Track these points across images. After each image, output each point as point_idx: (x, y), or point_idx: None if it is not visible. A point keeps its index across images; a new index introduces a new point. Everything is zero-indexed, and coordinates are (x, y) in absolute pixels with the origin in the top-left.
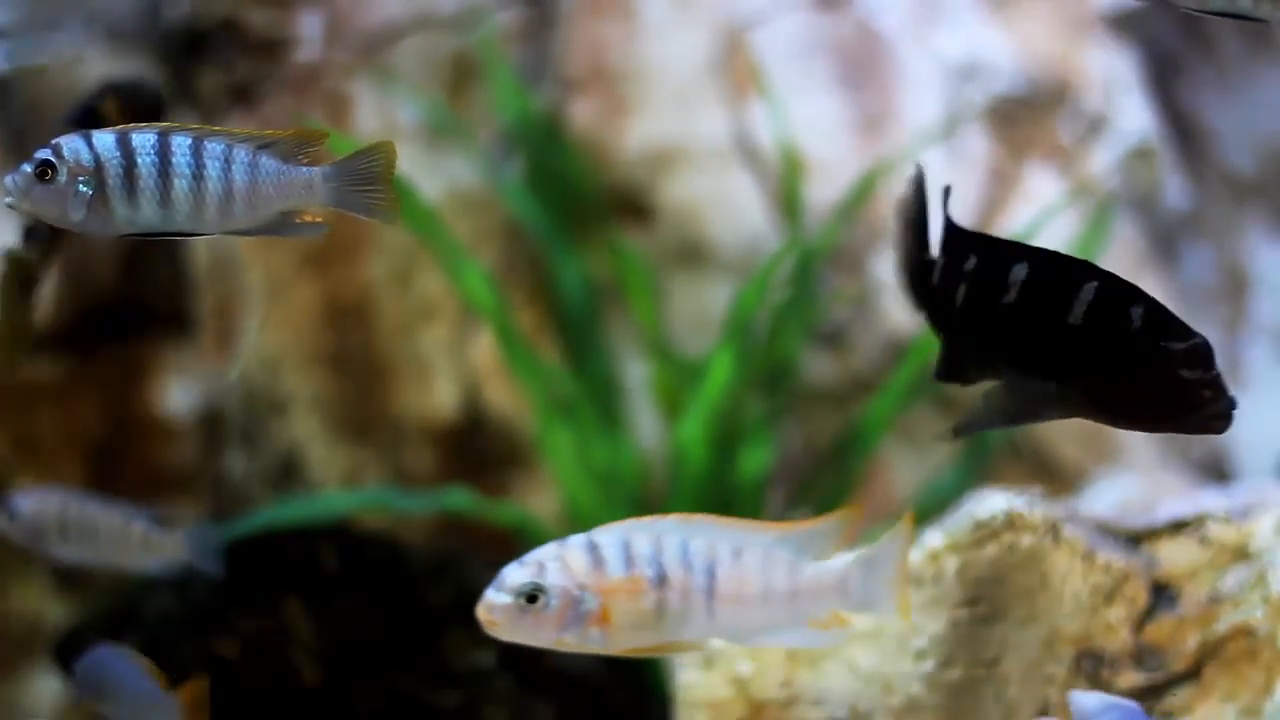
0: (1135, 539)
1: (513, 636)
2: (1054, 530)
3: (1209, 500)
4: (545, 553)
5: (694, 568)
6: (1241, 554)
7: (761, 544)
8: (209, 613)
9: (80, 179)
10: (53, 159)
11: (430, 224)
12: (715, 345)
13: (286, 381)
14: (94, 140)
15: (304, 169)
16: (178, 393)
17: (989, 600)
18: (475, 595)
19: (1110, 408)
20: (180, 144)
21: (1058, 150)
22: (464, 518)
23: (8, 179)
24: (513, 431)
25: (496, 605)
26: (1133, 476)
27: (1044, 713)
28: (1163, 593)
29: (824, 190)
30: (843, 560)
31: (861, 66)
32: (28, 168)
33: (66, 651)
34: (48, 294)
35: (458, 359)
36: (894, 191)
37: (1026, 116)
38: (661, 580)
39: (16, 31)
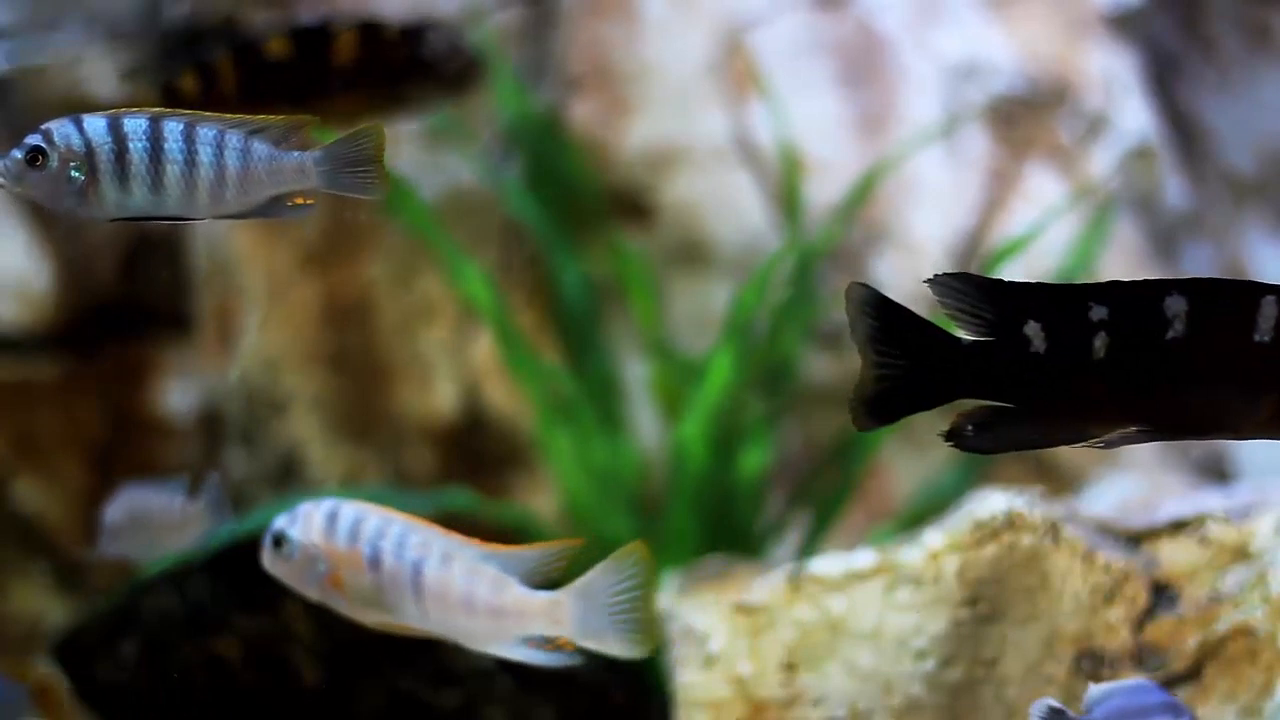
0: (1135, 539)
1: (281, 579)
2: (1054, 530)
3: (1209, 500)
4: (303, 508)
5: (405, 559)
6: (1241, 554)
7: (472, 556)
8: (209, 613)
9: (72, 164)
10: (44, 145)
11: (430, 224)
12: (715, 345)
13: (286, 381)
14: (85, 125)
15: (296, 153)
16: (178, 393)
17: (989, 600)
18: None
19: None
20: (172, 129)
21: (1058, 150)
22: (464, 518)
23: None
24: (513, 431)
25: (264, 547)
26: (1133, 476)
27: None
28: (1163, 593)
29: (824, 190)
30: (561, 590)
31: (861, 66)
32: (18, 154)
33: (67, 651)
34: (48, 294)
35: (458, 359)
36: (891, 196)
37: (1026, 116)
38: (376, 562)
39: (16, 31)
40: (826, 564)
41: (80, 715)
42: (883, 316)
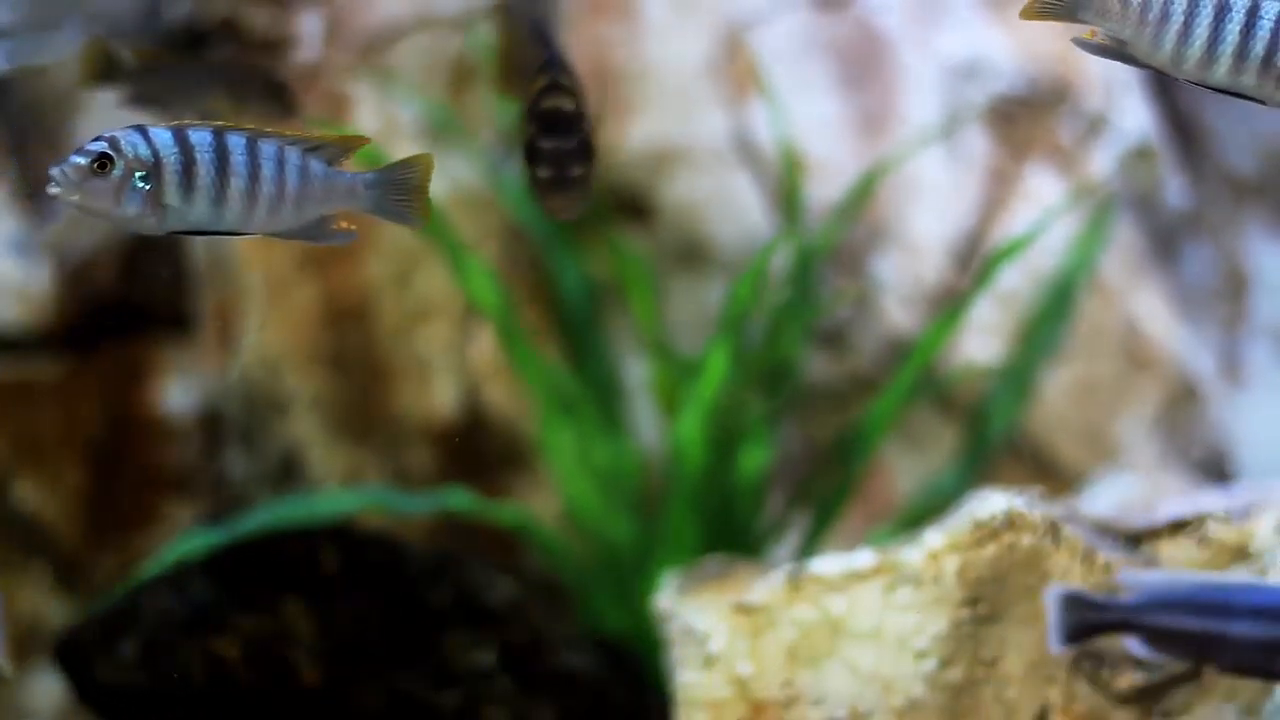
0: (1135, 539)
1: None
2: (1054, 530)
3: (1209, 500)
4: None
5: None
6: (1241, 554)
7: None
8: (209, 613)
9: (137, 174)
10: (110, 152)
11: (433, 223)
12: (710, 341)
13: (286, 381)
14: (152, 135)
15: (349, 175)
16: (178, 393)
17: (989, 600)
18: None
19: None
20: (236, 143)
21: (1058, 150)
22: (464, 518)
23: (55, 169)
24: (513, 431)
25: None
26: (1133, 476)
27: (1044, 713)
28: None
29: (824, 190)
30: None
31: (861, 66)
32: (81, 160)
33: (66, 651)
34: (48, 294)
35: (458, 359)
36: (891, 196)
37: (1026, 116)
38: None
39: (16, 31)
40: (826, 564)
41: (80, 715)
42: None
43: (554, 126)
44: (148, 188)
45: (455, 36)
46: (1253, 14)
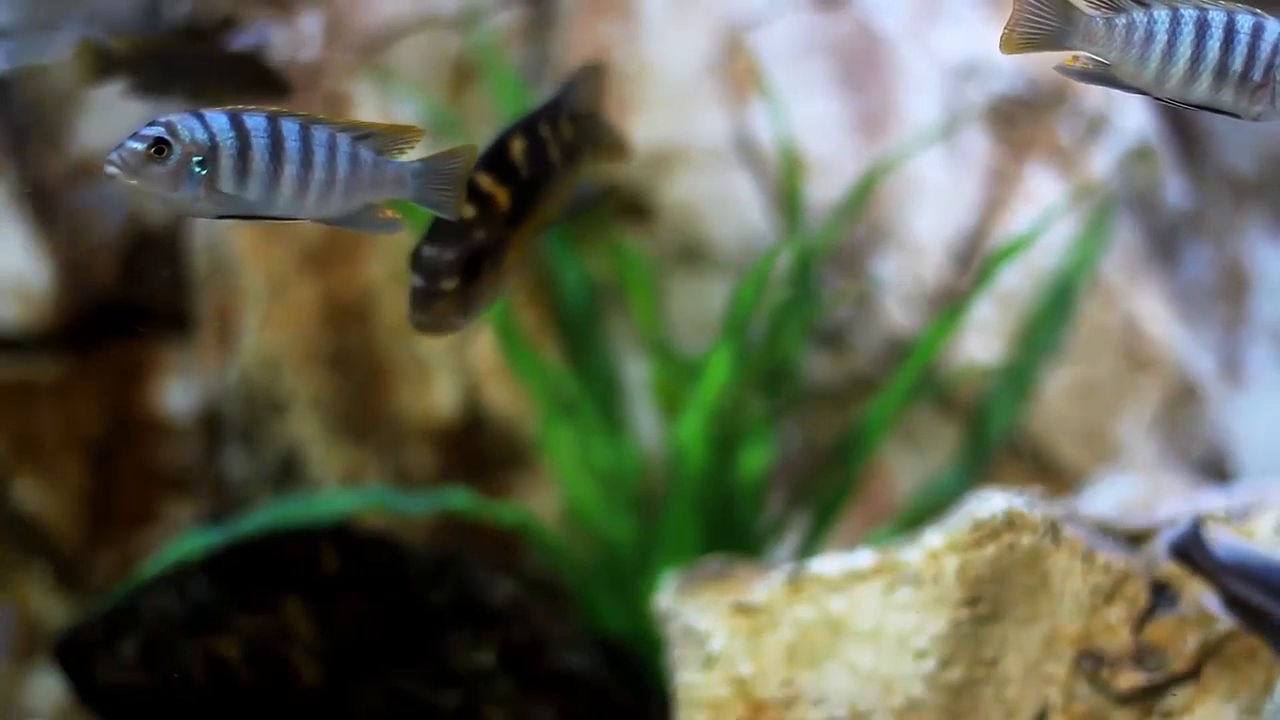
0: (1135, 539)
1: None
2: (1054, 530)
3: (1209, 500)
4: None
5: None
6: None
7: None
8: (209, 613)
9: (194, 159)
10: (167, 137)
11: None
12: (713, 344)
13: (286, 381)
14: (208, 120)
15: (397, 163)
16: (178, 393)
17: (989, 600)
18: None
19: None
20: (290, 129)
21: (1058, 150)
22: (464, 518)
23: (113, 154)
24: (513, 431)
25: None
26: (1133, 476)
27: (1044, 713)
28: (1163, 593)
29: (824, 190)
30: None
31: (861, 66)
32: (138, 145)
33: (66, 651)
34: (48, 294)
35: (458, 359)
36: (891, 196)
37: (1026, 116)
38: None
39: (16, 31)
40: (826, 564)
41: (80, 715)
42: None
43: (438, 234)
44: (204, 172)
45: (455, 36)
46: (1230, 29)
